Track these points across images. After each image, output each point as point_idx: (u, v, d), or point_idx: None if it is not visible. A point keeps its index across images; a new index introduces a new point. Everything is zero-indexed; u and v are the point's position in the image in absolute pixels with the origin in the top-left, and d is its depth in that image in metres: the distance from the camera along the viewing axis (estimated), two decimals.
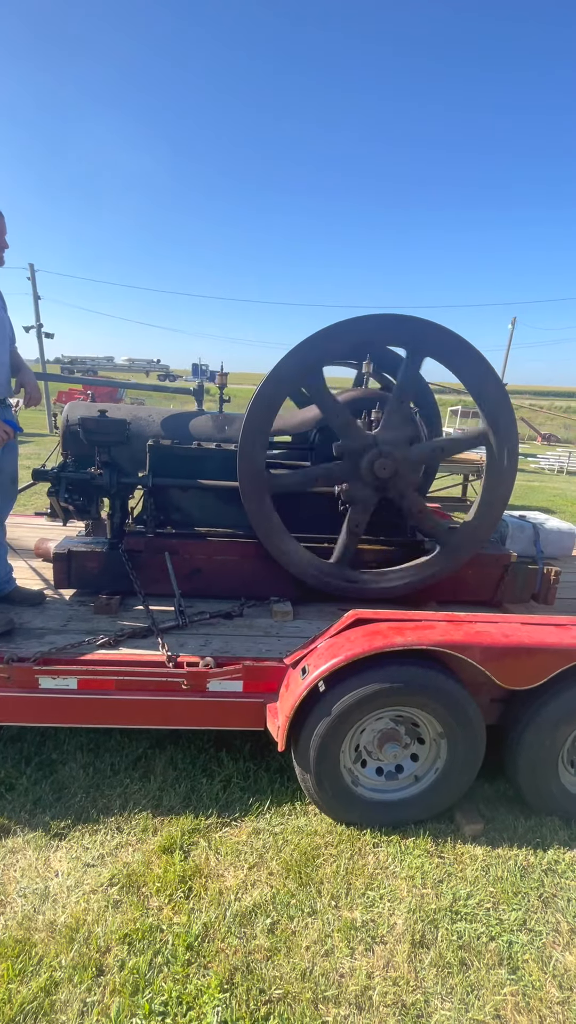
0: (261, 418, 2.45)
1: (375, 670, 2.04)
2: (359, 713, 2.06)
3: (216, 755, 2.53)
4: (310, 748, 2.06)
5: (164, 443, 2.70)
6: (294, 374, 2.45)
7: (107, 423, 2.57)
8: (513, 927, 1.80)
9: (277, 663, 2.26)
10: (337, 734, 2.06)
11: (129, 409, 2.86)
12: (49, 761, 2.44)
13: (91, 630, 2.44)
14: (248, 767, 2.47)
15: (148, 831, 2.11)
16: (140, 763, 2.46)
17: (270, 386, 2.44)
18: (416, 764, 2.23)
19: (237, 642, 2.45)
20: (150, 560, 2.72)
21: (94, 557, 2.73)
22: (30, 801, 2.21)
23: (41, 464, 2.74)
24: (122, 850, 2.03)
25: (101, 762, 2.45)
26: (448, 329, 2.45)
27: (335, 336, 2.42)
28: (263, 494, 2.52)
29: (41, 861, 1.97)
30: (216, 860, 2.00)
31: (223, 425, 2.88)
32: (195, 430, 2.85)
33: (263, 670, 2.24)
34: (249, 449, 2.46)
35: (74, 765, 2.41)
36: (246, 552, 2.79)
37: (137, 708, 2.19)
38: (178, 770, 2.43)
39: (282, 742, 2.07)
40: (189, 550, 2.77)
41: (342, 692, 2.03)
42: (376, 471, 2.50)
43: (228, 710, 2.23)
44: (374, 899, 1.87)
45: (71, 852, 2.01)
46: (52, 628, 2.44)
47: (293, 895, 1.86)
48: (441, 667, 2.10)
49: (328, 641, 2.14)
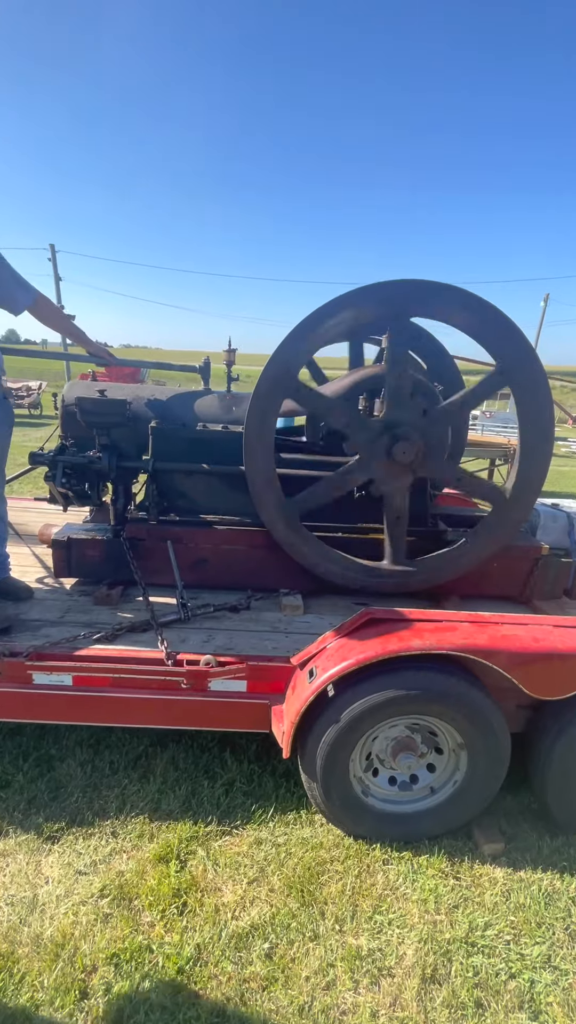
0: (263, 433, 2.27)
1: (389, 675, 1.86)
2: (371, 721, 1.89)
3: (220, 755, 2.40)
4: (317, 756, 1.90)
5: (167, 425, 2.53)
6: (271, 388, 2.25)
7: (105, 403, 2.40)
8: (536, 964, 1.63)
9: (284, 663, 2.09)
10: (347, 742, 1.89)
11: (131, 389, 2.69)
12: (47, 757, 2.34)
13: (89, 623, 2.32)
14: (253, 769, 2.33)
15: (144, 837, 2.00)
16: (140, 762, 2.35)
17: (257, 403, 2.25)
18: (433, 775, 2.06)
19: (242, 638, 2.29)
20: (153, 549, 2.58)
21: (95, 545, 2.60)
22: (25, 800, 2.12)
23: (39, 447, 2.60)
24: (116, 857, 1.92)
25: (100, 759, 2.34)
26: (419, 280, 2.20)
27: (310, 328, 2.20)
28: (292, 517, 2.40)
29: (32, 866, 1.88)
30: (214, 872, 1.87)
31: (230, 406, 2.69)
32: (201, 411, 2.67)
33: (268, 670, 2.08)
34: (260, 492, 2.33)
35: (72, 762, 2.31)
36: (254, 541, 2.62)
37: (135, 707, 2.06)
38: (179, 771, 2.31)
39: (287, 749, 1.92)
40: (194, 539, 2.61)
41: (352, 698, 1.86)
42: (397, 457, 2.28)
43: (231, 711, 2.09)
44: (382, 924, 1.72)
45: (63, 857, 1.91)
46: (49, 620, 2.32)
47: (294, 916, 1.73)
48: (463, 673, 1.91)
49: (338, 642, 1.96)
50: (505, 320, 2.23)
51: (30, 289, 2.33)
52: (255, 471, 2.33)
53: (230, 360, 2.70)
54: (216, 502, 2.67)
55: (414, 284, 2.21)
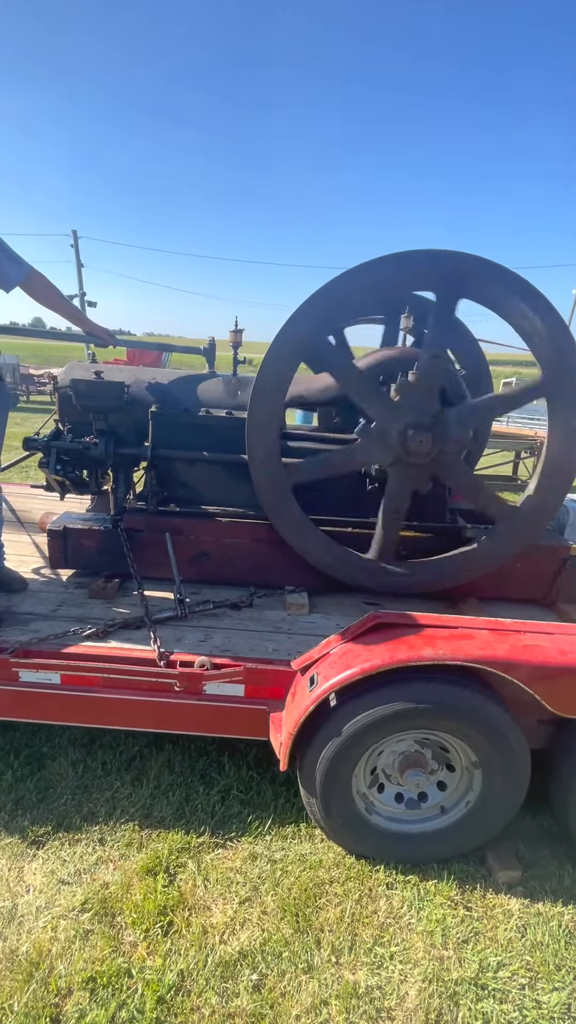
0: (271, 399, 2.08)
1: (397, 686, 1.70)
2: (376, 735, 1.73)
3: (218, 759, 2.27)
4: (316, 771, 1.75)
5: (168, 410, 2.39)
6: (297, 345, 2.06)
7: (102, 386, 2.27)
8: (554, 1013, 1.47)
9: (284, 667, 1.95)
10: (349, 757, 1.74)
11: (131, 371, 2.55)
12: (39, 755, 2.25)
13: (82, 617, 2.21)
14: (251, 776, 2.20)
15: (133, 846, 1.89)
16: (134, 764, 2.24)
17: (278, 350, 2.06)
18: (443, 793, 1.89)
19: (241, 638, 2.15)
20: (151, 541, 2.45)
21: (92, 535, 2.48)
22: (12, 800, 2.03)
23: (35, 432, 2.48)
24: (102, 867, 1.82)
25: (93, 759, 2.24)
26: (489, 260, 1.98)
27: (344, 289, 1.99)
28: (284, 490, 2.22)
29: (14, 872, 1.79)
30: (204, 889, 1.75)
31: (235, 390, 2.53)
32: (204, 395, 2.51)
33: (268, 674, 1.94)
34: (259, 441, 2.14)
35: (64, 761, 2.22)
36: (258, 535, 2.46)
37: (125, 708, 1.94)
38: (174, 774, 2.19)
39: (284, 761, 1.78)
40: (195, 531, 2.47)
41: (356, 710, 1.70)
42: (411, 447, 2.09)
43: (227, 716, 1.95)
44: (383, 958, 1.57)
45: (47, 864, 1.81)
46: (40, 613, 2.22)
47: (287, 943, 1.59)
48: (479, 685, 1.73)
49: (343, 647, 1.80)
50: (567, 336, 2.01)
51: (22, 263, 2.19)
52: (256, 437, 2.14)
53: (236, 342, 2.53)
54: (219, 492, 2.52)
55: (480, 263, 1.98)
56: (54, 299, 2.34)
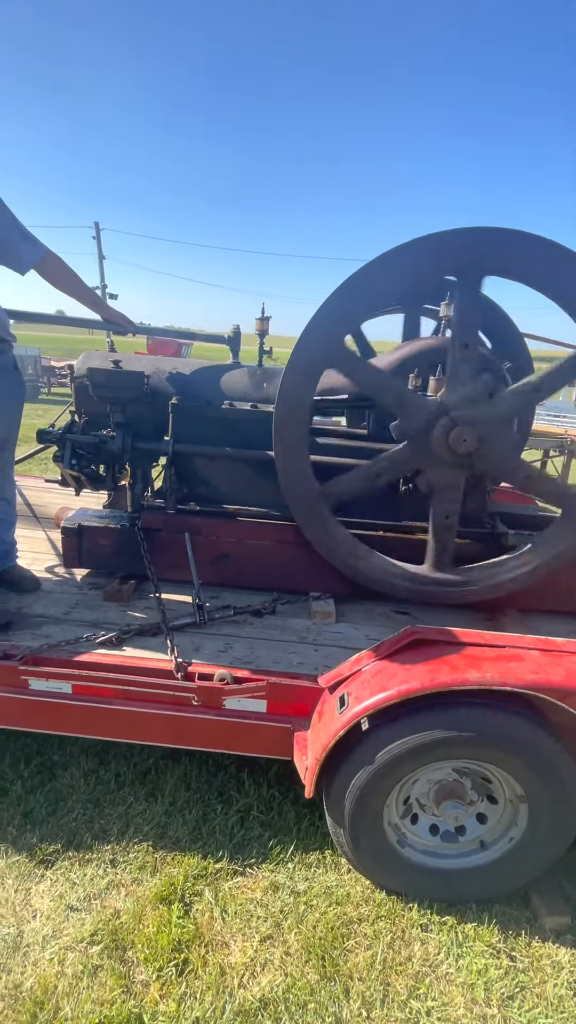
0: (299, 417, 1.93)
1: (438, 712, 1.53)
2: (412, 765, 1.57)
3: (237, 775, 2.14)
4: (345, 800, 1.60)
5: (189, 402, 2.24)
6: (316, 356, 1.89)
7: (120, 376, 2.13)
8: None
9: (310, 682, 1.79)
10: (381, 787, 1.59)
11: (151, 361, 2.41)
12: (50, 764, 2.15)
13: (96, 621, 2.09)
14: (272, 795, 2.06)
15: (146, 869, 1.76)
16: (149, 777, 2.12)
17: (292, 376, 1.90)
18: (484, 827, 1.73)
19: (264, 648, 2.01)
20: (169, 541, 2.31)
21: (108, 534, 2.35)
22: (20, 813, 1.92)
23: (50, 424, 2.36)
24: (113, 892, 1.70)
25: (106, 771, 2.13)
26: (511, 229, 1.78)
27: (360, 285, 1.82)
28: (320, 508, 2.07)
29: (21, 895, 1.68)
30: (222, 922, 1.62)
31: (261, 382, 2.37)
32: (228, 387, 2.36)
33: (292, 690, 1.79)
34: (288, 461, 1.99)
35: (76, 771, 2.11)
36: (283, 536, 2.31)
37: (140, 721, 1.81)
38: (191, 791, 2.06)
39: (310, 787, 1.63)
40: (215, 531, 2.33)
41: (391, 736, 1.55)
42: (453, 445, 1.91)
43: (248, 733, 1.81)
44: (419, 1014, 1.42)
45: (55, 887, 1.70)
46: (52, 616, 2.10)
47: (313, 992, 1.45)
48: (528, 712, 1.56)
49: (377, 664, 1.64)
50: None
51: (37, 245, 2.06)
52: (285, 449, 2.00)
53: (263, 330, 2.37)
54: (241, 491, 2.37)
55: (504, 234, 1.79)
56: (71, 283, 2.20)
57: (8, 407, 2.12)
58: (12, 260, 2.03)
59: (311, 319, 1.85)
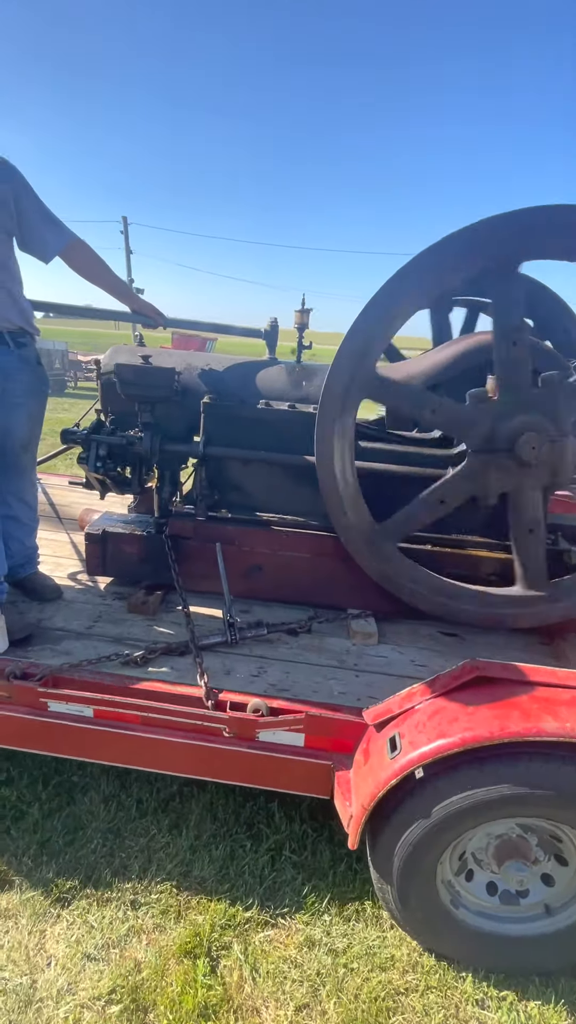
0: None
1: (506, 764, 1.33)
2: (473, 821, 1.38)
3: (266, 807, 1.98)
4: (395, 855, 1.42)
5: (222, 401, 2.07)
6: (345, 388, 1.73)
7: (149, 372, 1.97)
8: None
9: (354, 716, 1.61)
10: (437, 843, 1.40)
11: (182, 356, 2.25)
12: (68, 785, 2.02)
13: (119, 637, 1.94)
14: (305, 832, 1.89)
15: (169, 914, 1.61)
16: (172, 805, 1.97)
17: (330, 406, 1.73)
18: (550, 890, 1.52)
19: (301, 673, 1.83)
20: (199, 550, 2.15)
21: (133, 541, 2.20)
22: (37, 842, 1.79)
23: (74, 424, 2.22)
24: (133, 939, 1.55)
25: (127, 795, 1.99)
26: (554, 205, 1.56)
27: (384, 308, 1.66)
28: (386, 549, 1.92)
29: (35, 937, 1.55)
30: (252, 984, 1.45)
31: (300, 380, 2.18)
32: (264, 385, 2.18)
33: (333, 724, 1.61)
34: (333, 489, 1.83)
35: (95, 795, 1.97)
36: (321, 548, 2.13)
37: (166, 751, 1.66)
38: (217, 822, 1.91)
39: (354, 838, 1.45)
40: (248, 540, 2.16)
41: (451, 789, 1.35)
42: (522, 455, 1.70)
43: (283, 769, 1.64)
44: None
45: (72, 930, 1.56)
46: (73, 630, 1.96)
47: None
48: None
49: (433, 704, 1.45)
50: None
51: (63, 231, 1.92)
52: (331, 486, 1.84)
53: (302, 323, 2.19)
54: (277, 498, 2.19)
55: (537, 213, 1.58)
56: (99, 271, 2.06)
57: (30, 405, 1.98)
58: (36, 247, 1.89)
59: (341, 346, 1.68)
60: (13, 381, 1.92)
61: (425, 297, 1.73)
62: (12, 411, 1.93)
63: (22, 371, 1.93)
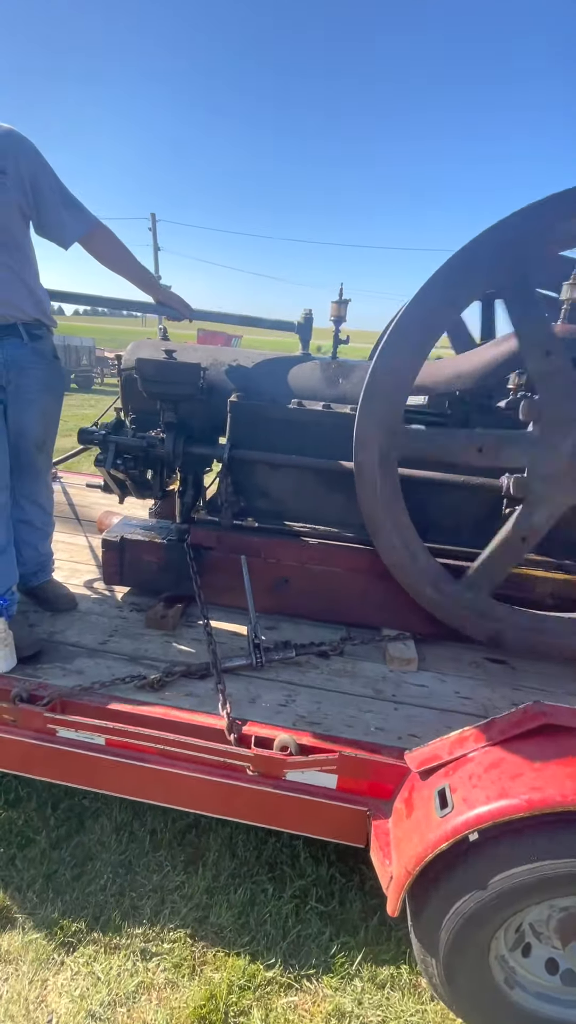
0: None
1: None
2: (539, 896, 1.18)
3: (290, 844, 1.80)
4: (442, 928, 1.23)
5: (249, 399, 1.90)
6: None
7: (173, 368, 1.81)
8: None
9: (395, 759, 1.43)
10: (492, 919, 1.20)
11: (208, 351, 2.08)
12: (79, 809, 1.88)
13: (135, 655, 1.79)
14: (333, 877, 1.72)
15: (183, 968, 1.46)
16: (189, 838, 1.81)
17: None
18: None
19: (333, 703, 1.65)
20: (222, 561, 1.99)
21: (153, 549, 2.05)
22: (43, 875, 1.66)
23: (94, 422, 2.08)
24: (142, 997, 1.40)
25: (140, 824, 1.84)
26: None
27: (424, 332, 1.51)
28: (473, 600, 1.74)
29: (36, 987, 1.40)
30: None
31: (336, 377, 2.00)
32: (297, 382, 2.01)
33: (371, 766, 1.43)
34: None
35: (107, 823, 1.83)
36: (356, 563, 1.94)
37: (184, 786, 1.50)
38: (236, 860, 1.75)
39: (394, 904, 1.26)
40: (276, 552, 1.98)
41: (513, 858, 1.15)
42: None
43: (313, 813, 1.47)
44: None
45: (76, 980, 1.42)
46: (86, 646, 1.82)
47: None
48: None
49: (491, 754, 1.25)
50: None
51: (85, 216, 1.77)
52: (401, 564, 1.71)
53: (339, 316, 2.00)
54: (308, 506, 2.02)
55: None
56: (123, 259, 1.91)
57: (45, 402, 1.84)
58: (54, 230, 1.75)
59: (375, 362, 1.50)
60: (27, 376, 1.78)
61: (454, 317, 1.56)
62: (26, 408, 1.80)
63: (36, 365, 1.80)
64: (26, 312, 1.74)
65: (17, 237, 1.68)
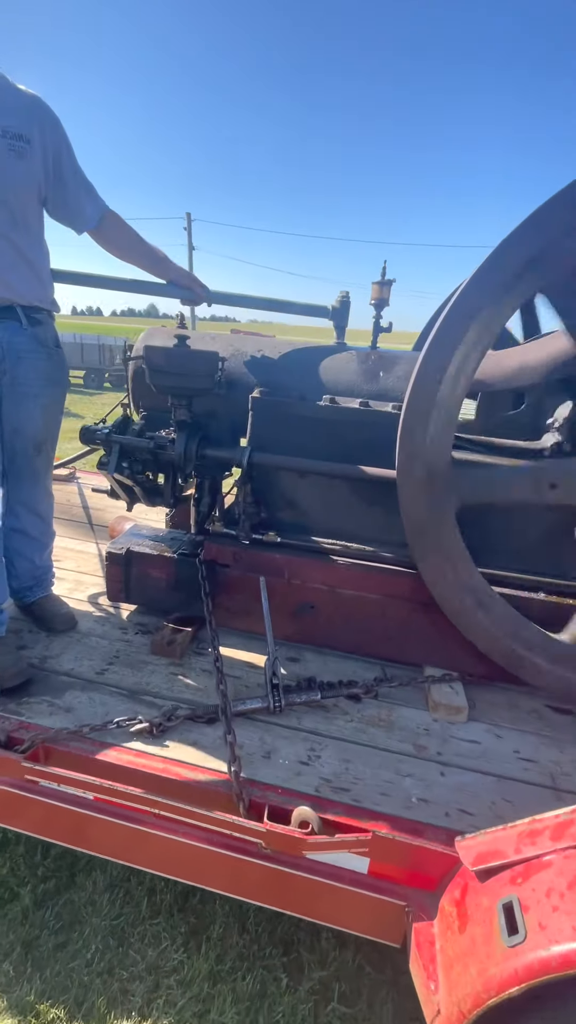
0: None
1: None
2: None
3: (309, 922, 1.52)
4: None
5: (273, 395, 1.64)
6: None
7: (185, 358, 1.56)
8: None
9: (442, 845, 1.13)
10: None
11: (228, 340, 1.83)
12: (70, 859, 1.66)
13: (135, 689, 1.55)
14: (360, 966, 1.44)
15: None
16: (191, 905, 1.56)
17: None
18: None
19: (365, 761, 1.37)
20: (239, 581, 1.74)
21: (162, 564, 1.82)
22: (21, 941, 1.43)
23: (99, 420, 1.86)
24: None
25: (137, 882, 1.60)
26: None
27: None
28: None
29: None
30: None
31: (376, 370, 1.72)
32: (329, 376, 1.73)
33: (411, 851, 1.14)
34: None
35: (100, 878, 1.60)
36: (395, 588, 1.66)
37: (184, 856, 1.24)
38: (246, 936, 1.48)
39: None
40: (301, 572, 1.72)
41: None
42: None
43: (338, 901, 1.19)
44: None
45: None
46: (82, 676, 1.58)
47: None
48: None
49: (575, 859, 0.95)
50: None
51: (99, 200, 1.60)
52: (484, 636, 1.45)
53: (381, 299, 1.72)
54: (340, 520, 1.74)
55: None
56: (135, 244, 1.70)
57: (45, 396, 1.63)
58: (71, 214, 1.57)
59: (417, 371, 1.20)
60: (25, 366, 1.57)
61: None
62: (22, 403, 1.58)
63: (36, 354, 1.58)
64: (25, 296, 1.53)
65: (28, 213, 1.49)
